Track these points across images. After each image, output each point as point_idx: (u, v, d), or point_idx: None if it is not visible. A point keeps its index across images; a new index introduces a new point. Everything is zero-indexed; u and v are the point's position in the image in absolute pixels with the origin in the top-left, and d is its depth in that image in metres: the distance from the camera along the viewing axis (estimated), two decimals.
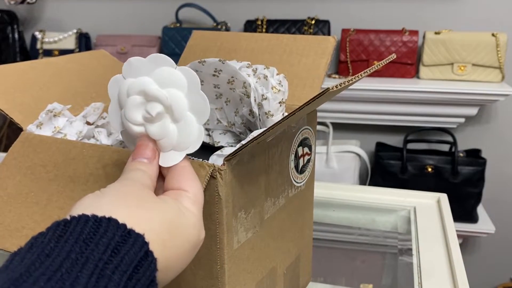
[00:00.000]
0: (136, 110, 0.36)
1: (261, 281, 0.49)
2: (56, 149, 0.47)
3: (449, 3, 1.57)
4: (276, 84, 0.48)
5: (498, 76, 1.49)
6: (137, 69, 0.37)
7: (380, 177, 1.58)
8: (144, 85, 0.35)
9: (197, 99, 0.36)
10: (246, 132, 0.55)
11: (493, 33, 1.46)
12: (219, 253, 0.41)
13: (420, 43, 1.56)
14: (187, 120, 0.36)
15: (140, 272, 0.28)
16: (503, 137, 1.66)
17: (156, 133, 0.36)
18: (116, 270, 0.26)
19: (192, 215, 0.34)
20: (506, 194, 1.71)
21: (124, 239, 0.28)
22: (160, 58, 0.36)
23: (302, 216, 0.57)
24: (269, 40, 0.59)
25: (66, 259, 0.26)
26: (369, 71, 0.37)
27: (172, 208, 0.33)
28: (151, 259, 0.29)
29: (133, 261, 0.27)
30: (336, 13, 1.65)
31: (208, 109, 0.36)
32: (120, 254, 0.27)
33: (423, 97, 1.47)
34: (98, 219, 0.28)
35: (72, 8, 1.90)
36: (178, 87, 0.35)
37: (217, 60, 0.49)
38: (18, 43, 1.83)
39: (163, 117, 0.36)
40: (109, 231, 0.28)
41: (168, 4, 1.77)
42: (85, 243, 0.27)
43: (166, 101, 0.35)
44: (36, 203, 0.44)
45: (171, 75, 0.35)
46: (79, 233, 0.27)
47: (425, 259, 0.67)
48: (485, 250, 1.78)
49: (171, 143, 0.36)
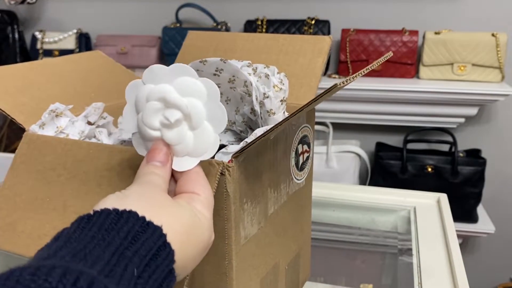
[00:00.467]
0: (154, 115, 0.37)
1: (265, 276, 0.50)
2: (61, 151, 0.47)
3: (449, 3, 1.58)
4: (278, 82, 0.49)
5: (498, 76, 1.49)
6: (158, 76, 0.38)
7: (380, 177, 1.58)
8: (165, 92, 0.37)
9: (216, 109, 0.37)
10: (247, 130, 0.55)
11: (493, 33, 1.46)
12: (227, 249, 0.41)
13: (420, 43, 1.57)
14: (204, 129, 0.37)
15: (159, 260, 0.29)
16: (503, 137, 1.66)
17: (172, 138, 0.37)
18: (136, 254, 0.28)
19: (204, 218, 0.36)
20: (506, 194, 1.71)
21: (143, 229, 0.30)
22: (183, 68, 0.37)
23: (302, 213, 0.58)
24: (265, 40, 0.60)
25: (90, 242, 0.28)
26: (370, 68, 0.37)
27: (187, 211, 0.35)
28: (169, 250, 0.30)
29: (152, 248, 0.29)
30: (336, 13, 1.65)
31: (225, 120, 0.37)
32: (139, 241, 0.29)
33: (423, 97, 1.48)
34: (119, 212, 0.30)
35: (72, 8, 1.91)
36: (198, 97, 0.37)
37: (218, 60, 0.49)
38: (18, 43, 1.83)
39: (180, 124, 0.37)
40: (129, 222, 0.30)
41: (168, 4, 1.77)
42: (107, 231, 0.29)
43: (185, 109, 0.36)
44: (53, 209, 0.45)
45: (192, 84, 0.37)
46: (102, 224, 0.29)
47: (425, 259, 0.67)
48: (485, 250, 1.79)
49: (186, 149, 0.38)
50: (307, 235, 0.62)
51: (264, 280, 0.49)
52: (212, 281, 0.43)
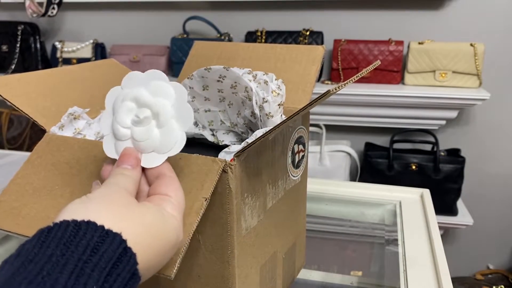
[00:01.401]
0: (127, 114, 0.37)
1: (265, 264, 0.50)
2: (78, 148, 0.47)
3: (432, 16, 1.58)
4: (276, 88, 0.49)
5: (476, 82, 1.49)
6: (134, 81, 0.38)
7: (368, 174, 1.58)
8: (138, 93, 0.37)
9: (183, 109, 0.37)
10: (248, 131, 0.55)
11: (471, 43, 1.46)
12: (230, 239, 0.41)
13: (405, 52, 1.56)
14: (170, 127, 0.37)
15: (120, 267, 0.27)
16: (480, 138, 1.66)
17: (140, 134, 0.37)
18: (95, 267, 0.26)
19: (173, 218, 0.34)
20: (483, 189, 1.71)
21: (102, 239, 0.27)
22: (156, 74, 0.38)
23: (297, 206, 0.58)
24: (264, 49, 0.59)
25: (47, 262, 0.25)
26: (360, 75, 0.37)
27: (152, 212, 0.33)
28: (130, 254, 0.28)
29: (112, 257, 0.27)
30: (328, 25, 1.65)
31: (191, 119, 0.37)
32: (99, 253, 0.27)
33: (408, 101, 1.48)
34: (77, 223, 0.28)
35: (89, 21, 1.91)
36: (167, 98, 0.37)
37: (221, 68, 0.49)
38: (40, 52, 1.83)
39: (149, 122, 0.37)
40: (88, 233, 0.27)
41: (176, 17, 1.77)
42: (66, 246, 0.26)
43: (154, 108, 0.37)
44: (61, 195, 0.44)
45: (163, 87, 0.37)
46: (60, 238, 0.27)
47: (409, 249, 0.67)
48: (464, 241, 1.79)
49: (153, 145, 0.37)
50: (303, 226, 0.62)
51: (263, 268, 0.50)
52: (216, 269, 0.43)
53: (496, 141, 1.65)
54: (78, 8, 1.89)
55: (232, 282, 0.43)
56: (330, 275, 0.76)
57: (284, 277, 0.57)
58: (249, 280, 0.46)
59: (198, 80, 0.55)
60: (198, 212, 0.38)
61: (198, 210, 0.38)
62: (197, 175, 0.40)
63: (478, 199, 1.71)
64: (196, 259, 0.44)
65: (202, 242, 0.43)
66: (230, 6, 1.72)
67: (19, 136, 1.87)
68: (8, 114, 1.88)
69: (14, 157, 1.09)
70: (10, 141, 1.88)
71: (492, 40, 1.54)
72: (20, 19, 1.89)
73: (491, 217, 1.73)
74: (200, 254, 0.43)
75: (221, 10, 1.73)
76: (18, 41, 1.79)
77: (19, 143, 1.87)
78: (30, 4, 1.73)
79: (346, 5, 1.63)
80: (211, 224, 0.42)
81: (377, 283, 0.74)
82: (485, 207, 1.72)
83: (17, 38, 1.79)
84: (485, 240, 1.76)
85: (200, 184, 0.39)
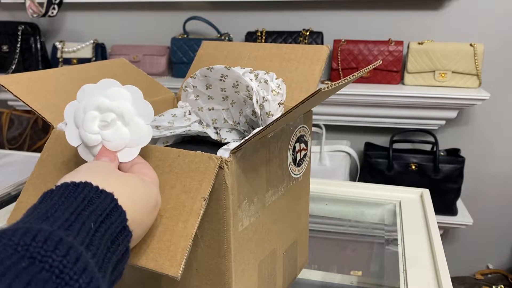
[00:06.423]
0: (92, 122, 0.41)
1: (263, 260, 0.50)
2: None
3: (431, 16, 1.58)
4: (276, 87, 0.49)
5: (475, 82, 1.49)
6: (90, 93, 0.41)
7: (368, 174, 1.58)
8: (98, 102, 0.41)
9: (141, 106, 0.41)
10: (250, 130, 0.56)
11: (471, 43, 1.46)
12: (226, 234, 0.42)
13: (405, 53, 1.57)
14: (136, 123, 0.41)
15: (112, 219, 0.32)
16: (480, 138, 1.67)
17: (111, 136, 0.41)
18: (92, 213, 0.30)
19: (153, 185, 0.39)
20: (483, 189, 1.71)
21: (97, 195, 0.32)
22: (108, 82, 0.42)
23: (299, 204, 0.58)
24: (270, 49, 0.60)
25: (51, 207, 0.30)
26: (357, 75, 0.37)
27: (135, 178, 0.38)
28: (121, 210, 0.33)
29: (105, 209, 0.31)
30: (328, 25, 1.65)
31: (151, 113, 0.41)
32: (94, 204, 0.31)
33: (408, 101, 1.48)
34: (75, 183, 0.32)
35: (89, 21, 1.91)
36: (126, 99, 0.41)
37: (223, 67, 0.50)
38: (40, 52, 1.83)
39: (116, 123, 0.41)
40: (85, 190, 0.32)
41: (176, 17, 1.78)
42: (66, 198, 0.31)
43: (117, 110, 0.40)
44: None
45: (119, 91, 0.41)
46: (62, 193, 0.31)
47: (409, 249, 0.67)
48: (464, 241, 1.79)
49: (125, 142, 0.41)
50: (305, 224, 0.62)
51: (262, 264, 0.50)
52: (213, 263, 0.44)
53: (496, 141, 1.65)
54: (78, 8, 1.89)
55: (228, 276, 0.43)
56: (330, 274, 0.76)
57: (285, 274, 0.57)
58: (247, 275, 0.46)
59: (201, 79, 0.56)
60: (198, 213, 0.39)
61: (198, 211, 0.39)
62: (195, 173, 0.40)
63: (478, 199, 1.71)
64: (194, 254, 0.44)
65: (200, 236, 0.43)
66: (230, 6, 1.72)
67: (19, 136, 1.87)
68: (9, 114, 1.88)
69: (14, 157, 1.09)
70: (11, 141, 1.87)
71: (492, 40, 1.54)
72: (20, 19, 1.89)
73: (491, 217, 1.73)
74: (198, 249, 0.44)
75: (221, 10, 1.73)
76: (18, 41, 1.79)
77: (19, 143, 1.86)
78: (30, 4, 1.73)
79: (346, 5, 1.63)
80: (208, 219, 0.42)
81: (377, 283, 0.74)
82: (484, 207, 1.72)
83: (18, 38, 1.79)
84: (485, 240, 1.77)
85: (199, 183, 0.40)
